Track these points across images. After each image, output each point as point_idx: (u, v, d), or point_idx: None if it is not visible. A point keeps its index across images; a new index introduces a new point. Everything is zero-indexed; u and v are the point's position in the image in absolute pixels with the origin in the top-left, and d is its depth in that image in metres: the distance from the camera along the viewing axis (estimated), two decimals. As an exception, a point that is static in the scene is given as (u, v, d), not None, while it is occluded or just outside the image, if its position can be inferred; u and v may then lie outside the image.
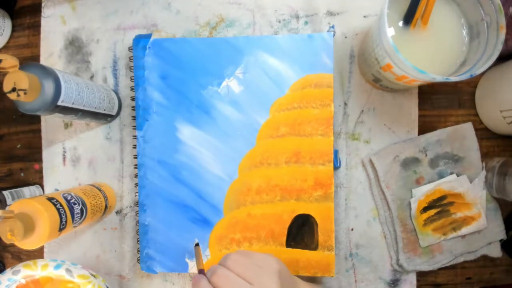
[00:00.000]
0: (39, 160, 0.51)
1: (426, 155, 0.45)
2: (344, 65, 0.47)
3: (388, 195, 0.45)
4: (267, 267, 0.33)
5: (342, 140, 0.47)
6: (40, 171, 0.51)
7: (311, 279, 0.47)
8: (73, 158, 0.50)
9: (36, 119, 0.51)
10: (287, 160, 0.45)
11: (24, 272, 0.39)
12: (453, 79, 0.34)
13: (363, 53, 0.44)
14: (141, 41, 0.46)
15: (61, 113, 0.39)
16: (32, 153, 0.51)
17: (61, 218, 0.38)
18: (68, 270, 0.39)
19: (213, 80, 0.46)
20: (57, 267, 0.39)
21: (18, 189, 0.48)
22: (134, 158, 0.49)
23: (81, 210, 0.41)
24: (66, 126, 0.50)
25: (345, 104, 0.47)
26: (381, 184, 0.45)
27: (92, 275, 0.40)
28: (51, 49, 0.50)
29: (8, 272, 0.39)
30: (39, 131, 0.51)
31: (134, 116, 0.49)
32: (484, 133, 0.48)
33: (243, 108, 0.46)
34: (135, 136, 0.47)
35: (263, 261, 0.34)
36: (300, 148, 0.45)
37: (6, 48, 0.52)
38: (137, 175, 0.47)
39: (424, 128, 0.47)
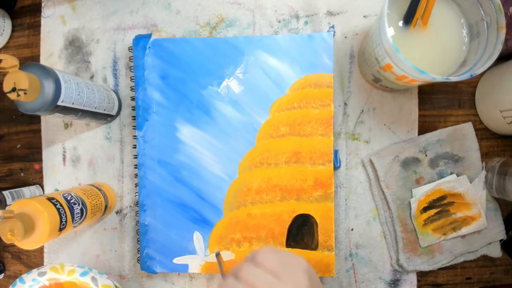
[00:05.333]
0: (39, 160, 0.51)
1: (426, 155, 0.45)
2: (344, 65, 0.47)
3: (388, 195, 0.45)
4: (296, 264, 0.32)
5: (342, 140, 0.47)
6: (40, 171, 0.51)
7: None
8: (73, 158, 0.50)
9: (36, 119, 0.51)
10: (287, 160, 0.45)
11: (50, 274, 0.39)
12: (453, 79, 0.34)
13: (363, 53, 0.44)
14: (141, 41, 0.46)
15: (61, 113, 0.39)
16: (32, 153, 0.51)
17: (61, 218, 0.38)
18: (93, 279, 0.39)
19: (213, 80, 0.46)
20: (84, 274, 0.39)
21: (18, 189, 0.48)
22: (134, 158, 0.49)
23: (81, 210, 0.41)
24: (66, 126, 0.50)
25: (345, 104, 0.47)
26: (381, 184, 0.45)
27: (116, 286, 0.40)
28: (51, 49, 0.50)
29: (34, 273, 0.39)
30: (39, 131, 0.51)
31: (134, 116, 0.49)
32: (484, 133, 0.48)
33: (243, 108, 0.46)
34: (135, 136, 0.47)
35: (291, 258, 0.33)
36: (300, 148, 0.45)
37: (6, 48, 0.52)
38: (137, 175, 0.47)
39: (424, 128, 0.47)
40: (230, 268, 0.45)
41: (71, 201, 0.40)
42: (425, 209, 0.45)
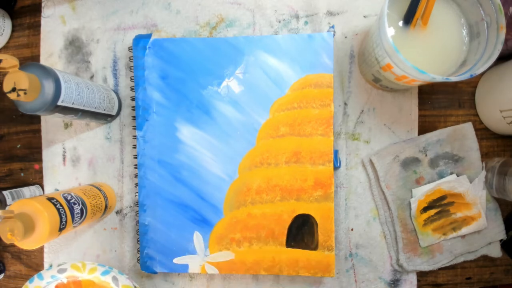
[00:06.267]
0: (39, 160, 0.51)
1: (426, 155, 0.45)
2: (344, 65, 0.47)
3: (388, 195, 0.45)
4: None
5: (342, 140, 0.47)
6: (40, 171, 0.51)
7: (311, 279, 0.47)
8: (73, 158, 0.50)
9: (36, 119, 0.51)
10: (287, 160, 0.45)
11: (70, 272, 0.39)
12: (453, 79, 0.34)
13: (363, 53, 0.44)
14: (141, 41, 0.46)
15: (61, 113, 0.39)
16: (32, 153, 0.51)
17: (61, 218, 0.38)
18: (114, 278, 0.39)
19: (213, 80, 0.46)
20: (105, 273, 0.39)
21: (18, 189, 0.48)
22: (134, 158, 0.49)
23: (81, 210, 0.41)
24: (66, 126, 0.50)
25: (345, 104, 0.47)
26: (381, 184, 0.45)
27: (135, 287, 0.40)
28: (51, 49, 0.50)
29: (53, 269, 0.38)
30: (39, 131, 0.51)
31: (134, 116, 0.49)
32: (484, 133, 0.48)
33: (243, 108, 0.46)
34: (135, 136, 0.47)
35: None
36: (300, 148, 0.45)
37: (6, 48, 0.52)
38: (137, 175, 0.47)
39: (424, 128, 0.47)
40: (229, 269, 0.45)
41: (71, 201, 0.40)
42: (425, 209, 0.45)
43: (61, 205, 0.38)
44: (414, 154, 0.45)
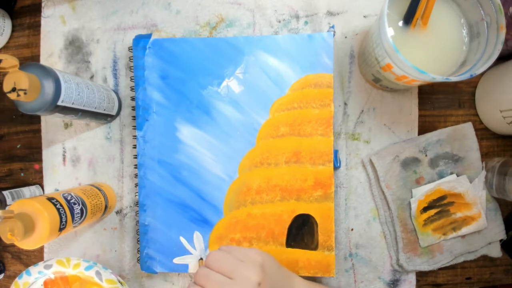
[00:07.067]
0: (39, 160, 0.51)
1: (426, 155, 0.45)
2: (344, 65, 0.47)
3: (388, 195, 0.45)
4: (248, 260, 0.33)
5: (342, 140, 0.47)
6: (40, 171, 0.51)
7: (311, 279, 0.47)
8: (73, 158, 0.50)
9: (36, 119, 0.51)
10: (287, 160, 0.45)
11: (56, 267, 0.39)
12: (453, 79, 0.34)
13: (363, 53, 0.44)
14: (141, 41, 0.46)
15: (61, 113, 0.39)
16: (32, 153, 0.51)
17: (61, 218, 0.38)
18: (98, 273, 0.40)
19: (213, 80, 0.46)
20: (88, 268, 0.40)
21: (18, 189, 0.48)
22: (134, 158, 0.49)
23: (81, 210, 0.41)
24: (66, 126, 0.50)
25: (345, 104, 0.47)
26: (381, 184, 0.45)
27: (119, 281, 0.40)
28: (51, 49, 0.50)
29: (40, 265, 0.39)
30: (39, 131, 0.51)
31: (134, 116, 0.49)
32: (484, 133, 0.48)
33: (243, 108, 0.46)
34: (135, 136, 0.47)
35: (244, 255, 0.34)
36: (300, 148, 0.45)
37: (6, 48, 0.52)
38: (137, 175, 0.47)
39: (424, 128, 0.47)
40: None
41: (71, 201, 0.40)
42: (425, 209, 0.45)
43: (61, 205, 0.38)
44: (414, 154, 0.45)
